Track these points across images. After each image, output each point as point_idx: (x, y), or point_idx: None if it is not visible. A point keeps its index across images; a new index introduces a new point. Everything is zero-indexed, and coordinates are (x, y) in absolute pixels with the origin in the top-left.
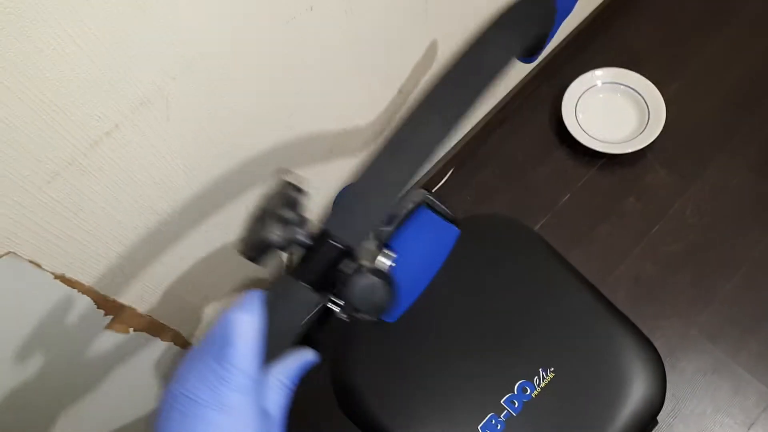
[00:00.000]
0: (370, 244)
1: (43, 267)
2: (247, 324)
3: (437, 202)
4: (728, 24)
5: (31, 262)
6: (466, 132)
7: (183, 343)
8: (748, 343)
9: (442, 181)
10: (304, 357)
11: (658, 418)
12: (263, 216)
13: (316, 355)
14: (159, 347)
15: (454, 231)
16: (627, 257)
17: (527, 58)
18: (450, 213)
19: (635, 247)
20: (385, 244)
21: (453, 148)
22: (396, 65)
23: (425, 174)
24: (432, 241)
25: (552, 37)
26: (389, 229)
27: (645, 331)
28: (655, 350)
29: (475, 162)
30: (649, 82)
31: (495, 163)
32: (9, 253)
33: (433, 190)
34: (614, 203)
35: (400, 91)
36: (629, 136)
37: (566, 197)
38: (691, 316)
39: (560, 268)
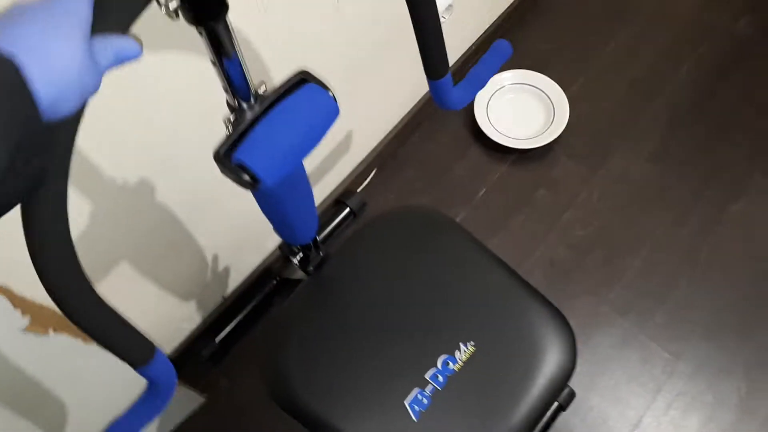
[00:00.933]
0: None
1: None
2: None
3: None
4: (625, 23)
5: None
6: (386, 134)
7: None
8: (654, 314)
9: (366, 182)
10: (130, 44)
11: (576, 391)
12: None
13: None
14: (82, 350)
15: (331, 103)
16: (541, 243)
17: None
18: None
19: (548, 234)
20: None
21: (374, 149)
22: None
23: (349, 175)
24: (312, 111)
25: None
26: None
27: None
28: (564, 320)
29: (396, 162)
30: (552, 81)
31: (415, 163)
32: None
33: (357, 191)
34: (527, 195)
35: None
36: (537, 132)
37: (482, 191)
38: (601, 293)
39: (477, 251)
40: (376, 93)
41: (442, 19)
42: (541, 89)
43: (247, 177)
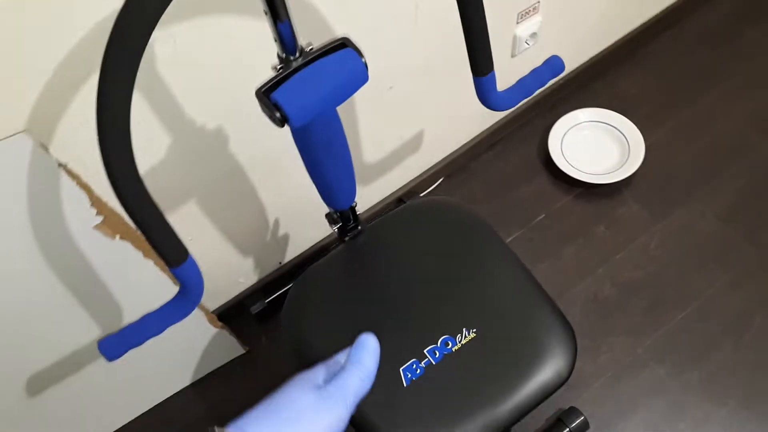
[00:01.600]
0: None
1: (50, 152)
2: None
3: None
4: (719, 83)
5: (41, 144)
6: (460, 146)
7: (162, 266)
8: (691, 370)
9: (431, 188)
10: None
11: (592, 423)
12: None
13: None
14: (140, 263)
15: (362, 67)
16: (588, 276)
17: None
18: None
19: (598, 269)
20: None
21: (445, 158)
22: None
23: (418, 177)
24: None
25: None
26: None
27: (593, 345)
28: (571, 331)
29: (464, 175)
30: (631, 124)
31: (482, 178)
32: (24, 131)
33: (421, 195)
34: (585, 228)
35: None
36: (607, 170)
37: (541, 216)
38: (640, 337)
39: (497, 246)
40: (453, 102)
41: (525, 45)
42: (620, 130)
43: (278, 114)
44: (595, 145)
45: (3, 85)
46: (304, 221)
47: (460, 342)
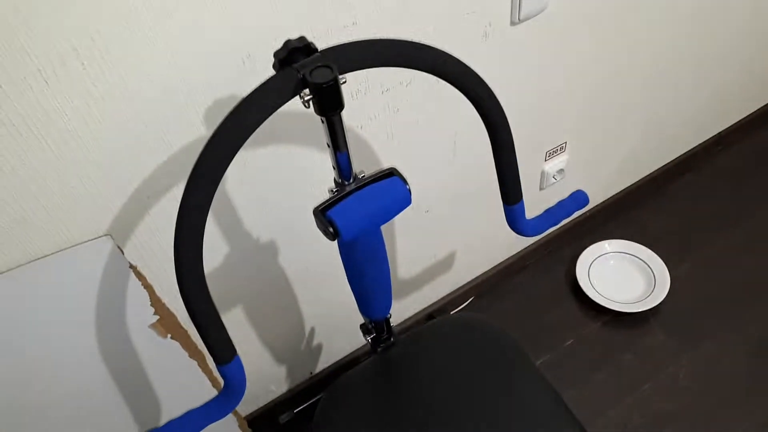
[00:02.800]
0: None
1: (125, 255)
2: None
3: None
4: (741, 224)
5: (118, 247)
6: (491, 267)
7: (204, 368)
8: None
9: (462, 306)
10: None
11: None
12: None
13: None
14: (185, 362)
15: (406, 193)
16: (617, 405)
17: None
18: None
19: (626, 397)
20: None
21: (476, 278)
22: None
23: (448, 294)
24: (391, 196)
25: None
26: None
27: None
28: None
29: (494, 295)
30: (655, 255)
31: (511, 300)
32: (107, 234)
33: (452, 312)
34: (613, 355)
35: None
36: (635, 299)
37: (570, 341)
38: None
39: (527, 367)
40: (485, 226)
41: (552, 180)
42: (645, 261)
43: (331, 230)
44: (621, 275)
45: (95, 193)
46: (337, 333)
47: None
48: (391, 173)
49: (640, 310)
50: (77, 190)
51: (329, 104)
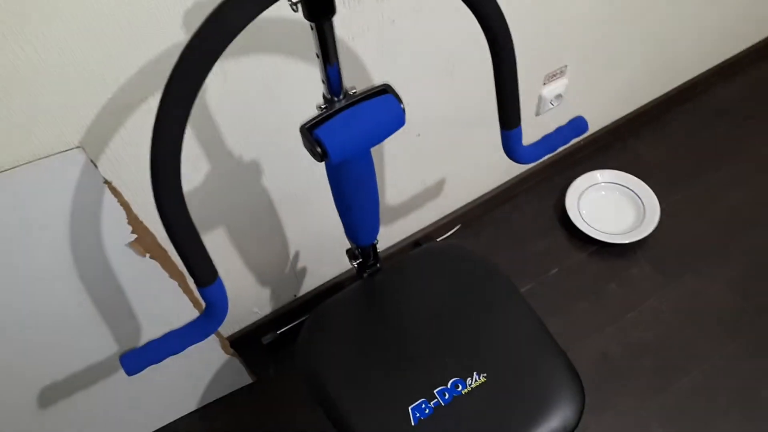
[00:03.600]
0: None
1: (99, 169)
2: None
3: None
4: (739, 156)
5: (91, 161)
6: (479, 195)
7: (185, 288)
8: None
9: (447, 234)
10: None
11: None
12: None
13: None
14: (165, 283)
15: (400, 113)
16: (598, 333)
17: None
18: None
19: (607, 327)
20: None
21: (463, 207)
22: None
23: (434, 222)
24: (384, 115)
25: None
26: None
27: (599, 402)
28: (579, 383)
29: (481, 224)
30: (648, 188)
31: (498, 228)
32: (79, 147)
33: (437, 240)
34: (597, 285)
35: None
36: (622, 231)
37: (555, 270)
38: (646, 399)
39: (511, 293)
40: (477, 154)
41: (549, 106)
42: (636, 193)
43: (319, 150)
44: (611, 206)
45: (65, 103)
46: (322, 257)
47: (470, 385)
48: (385, 90)
49: (627, 242)
50: (44, 98)
51: (319, 7)
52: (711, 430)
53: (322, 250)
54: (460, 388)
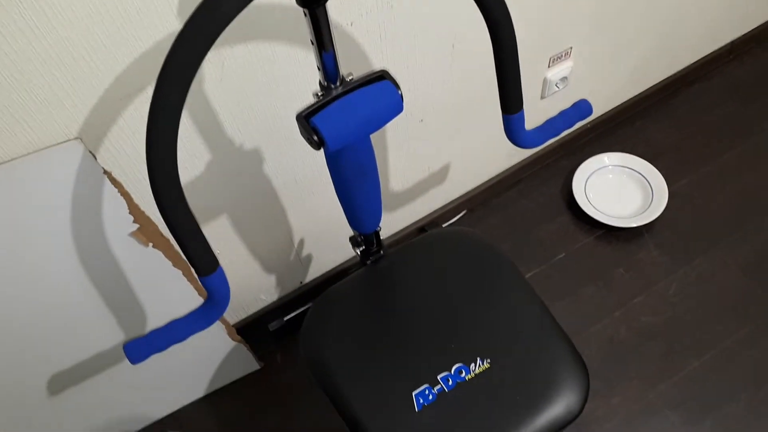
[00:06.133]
0: None
1: (98, 160)
2: None
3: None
4: (744, 141)
5: (90, 152)
6: (484, 181)
7: (190, 277)
8: (704, 419)
9: (453, 219)
10: None
11: None
12: None
13: None
14: (169, 271)
15: (398, 99)
16: (605, 318)
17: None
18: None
19: (615, 311)
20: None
21: (468, 192)
22: None
23: (440, 208)
24: (381, 102)
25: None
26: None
27: (607, 387)
28: (584, 368)
29: (487, 209)
30: (656, 171)
31: (504, 214)
32: (77, 138)
33: (443, 226)
34: (604, 270)
35: None
36: (630, 215)
37: (561, 255)
38: (654, 383)
39: (515, 279)
40: (481, 139)
41: (554, 89)
42: (644, 176)
43: (316, 138)
44: (618, 189)
45: (62, 94)
46: (327, 244)
47: (473, 371)
48: (382, 76)
49: (635, 225)
50: (41, 90)
51: None
52: (719, 414)
53: (327, 237)
54: (464, 374)
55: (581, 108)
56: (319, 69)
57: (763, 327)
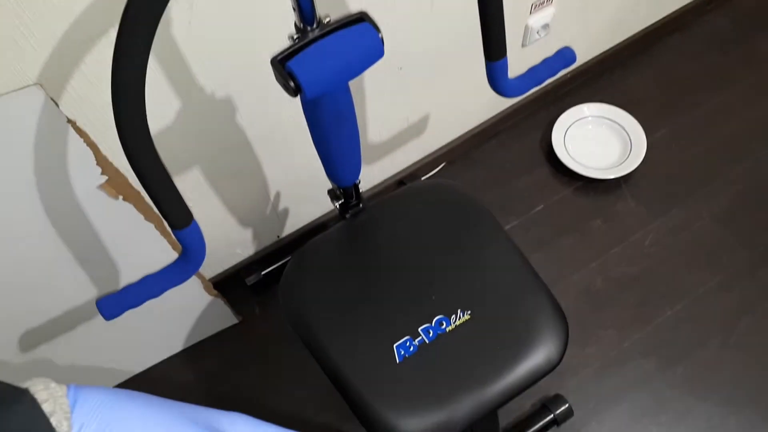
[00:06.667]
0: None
1: (61, 108)
2: None
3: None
4: (726, 88)
5: (52, 99)
6: (463, 132)
7: (163, 230)
8: (676, 366)
9: (432, 172)
10: None
11: (576, 412)
12: None
13: None
14: (141, 225)
15: (378, 43)
16: (582, 269)
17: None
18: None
19: (591, 262)
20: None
21: (447, 144)
22: None
23: (419, 160)
24: (361, 45)
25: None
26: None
27: (582, 337)
28: (563, 318)
29: (466, 162)
30: (635, 121)
31: (483, 166)
32: (37, 84)
33: (422, 178)
34: (582, 221)
35: None
36: (608, 166)
37: (540, 207)
38: (628, 331)
39: (495, 231)
40: (461, 89)
41: (536, 36)
42: (623, 126)
43: (292, 84)
44: (597, 140)
45: (19, 37)
46: (304, 197)
47: (454, 323)
48: (362, 18)
49: (612, 177)
50: None
51: None
52: (690, 360)
53: (305, 190)
54: (445, 325)
55: (565, 55)
56: (294, 10)
57: (734, 275)
